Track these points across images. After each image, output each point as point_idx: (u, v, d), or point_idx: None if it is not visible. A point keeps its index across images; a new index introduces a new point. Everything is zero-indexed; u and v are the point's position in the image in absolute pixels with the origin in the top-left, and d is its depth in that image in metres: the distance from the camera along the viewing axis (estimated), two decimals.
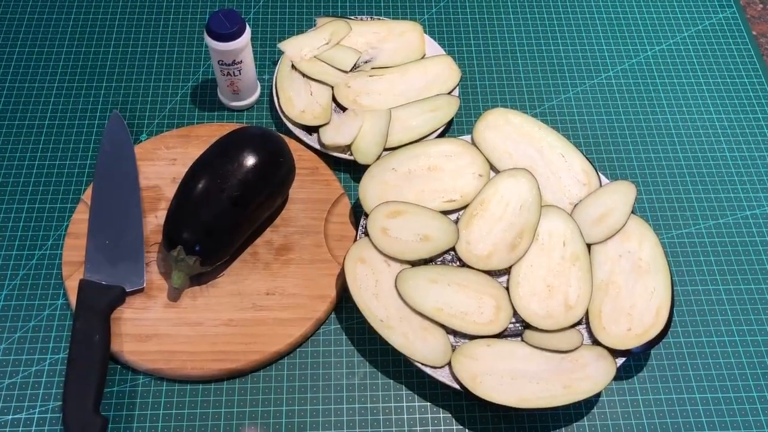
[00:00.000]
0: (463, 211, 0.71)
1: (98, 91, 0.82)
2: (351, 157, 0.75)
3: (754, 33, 1.21)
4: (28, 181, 0.75)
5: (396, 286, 0.65)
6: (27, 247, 0.71)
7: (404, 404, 0.63)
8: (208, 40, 0.72)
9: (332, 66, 0.81)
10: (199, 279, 0.67)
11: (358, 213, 0.73)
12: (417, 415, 0.63)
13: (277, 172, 0.67)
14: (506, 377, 0.61)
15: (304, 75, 0.81)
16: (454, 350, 0.63)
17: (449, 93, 0.80)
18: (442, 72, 0.81)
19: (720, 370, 0.66)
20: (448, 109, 0.78)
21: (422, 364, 0.62)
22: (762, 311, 0.70)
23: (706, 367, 0.66)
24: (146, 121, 0.80)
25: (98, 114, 0.80)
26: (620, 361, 0.62)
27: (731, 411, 0.64)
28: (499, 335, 0.65)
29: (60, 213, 0.73)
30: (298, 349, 0.66)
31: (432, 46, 0.84)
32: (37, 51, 0.85)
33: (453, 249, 0.69)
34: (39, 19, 0.88)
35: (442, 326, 0.64)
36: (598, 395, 0.64)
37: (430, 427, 0.62)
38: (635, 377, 0.65)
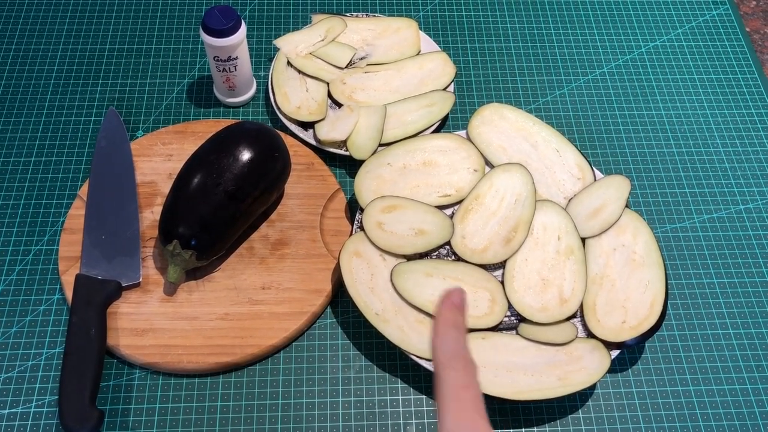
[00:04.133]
0: (458, 205, 0.72)
1: (94, 88, 0.82)
2: (346, 153, 0.75)
3: (747, 29, 1.21)
4: (25, 177, 0.75)
5: (391, 280, 0.66)
6: (23, 242, 0.71)
7: (400, 397, 0.63)
8: (204, 36, 0.72)
9: (328, 62, 0.82)
10: (194, 273, 0.67)
11: (353, 208, 0.73)
12: (412, 408, 0.63)
13: (272, 167, 0.67)
14: (501, 370, 0.62)
15: (299, 71, 0.81)
16: None
17: (444, 89, 0.80)
18: (437, 68, 0.81)
19: (714, 362, 0.66)
20: (444, 104, 0.78)
21: (418, 357, 0.62)
22: (755, 304, 0.70)
23: (700, 359, 0.67)
24: (142, 117, 0.80)
25: (94, 110, 0.80)
26: (614, 353, 0.63)
27: (725, 403, 0.64)
28: (494, 328, 0.65)
29: (56, 209, 0.73)
30: (293, 343, 0.66)
31: (427, 43, 0.85)
32: (33, 48, 0.86)
33: (448, 243, 0.69)
34: (35, 16, 0.88)
35: None
36: (592, 387, 0.65)
37: (426, 420, 0.62)
38: (630, 370, 0.66)
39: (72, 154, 0.77)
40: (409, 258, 0.68)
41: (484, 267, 0.68)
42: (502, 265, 0.69)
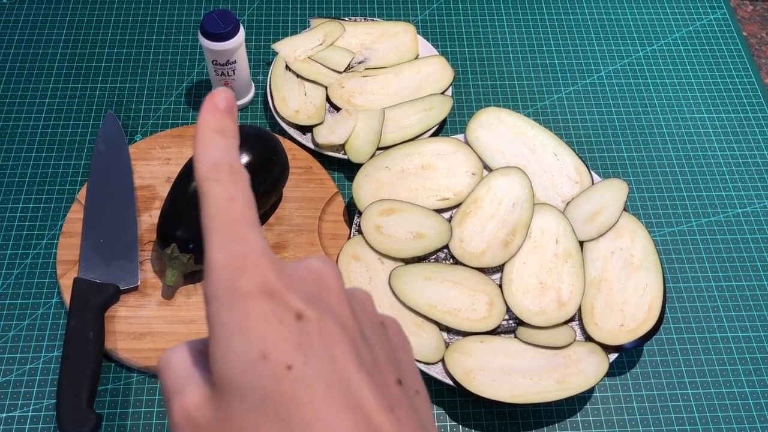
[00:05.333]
0: (456, 209, 0.72)
1: (93, 92, 0.82)
2: (345, 156, 0.75)
3: (744, 34, 1.22)
4: (23, 180, 0.75)
5: (389, 283, 0.66)
6: (21, 246, 0.71)
7: None
8: (202, 40, 0.72)
9: (326, 66, 0.82)
10: (193, 277, 0.67)
11: (351, 212, 0.73)
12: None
13: (270, 171, 0.67)
14: (499, 373, 0.62)
15: (298, 75, 0.81)
16: (447, 347, 0.63)
17: (442, 93, 0.80)
18: (435, 72, 0.82)
19: (712, 365, 0.66)
20: (442, 108, 0.78)
21: (416, 360, 0.62)
22: (753, 307, 0.70)
23: (698, 362, 0.67)
24: (141, 121, 0.80)
25: (93, 114, 0.81)
26: (613, 356, 0.63)
27: (723, 406, 0.64)
28: (493, 332, 0.65)
29: (54, 212, 0.73)
30: None
31: (425, 47, 0.85)
32: (32, 52, 0.86)
33: (446, 247, 0.69)
34: (34, 20, 0.89)
35: (436, 323, 0.65)
36: (591, 391, 0.65)
37: None
38: (628, 373, 0.66)
39: (70, 158, 0.77)
40: (408, 261, 0.68)
41: (483, 270, 0.68)
42: (500, 268, 0.69)
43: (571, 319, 0.66)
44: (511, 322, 0.66)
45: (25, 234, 0.72)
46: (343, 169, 0.78)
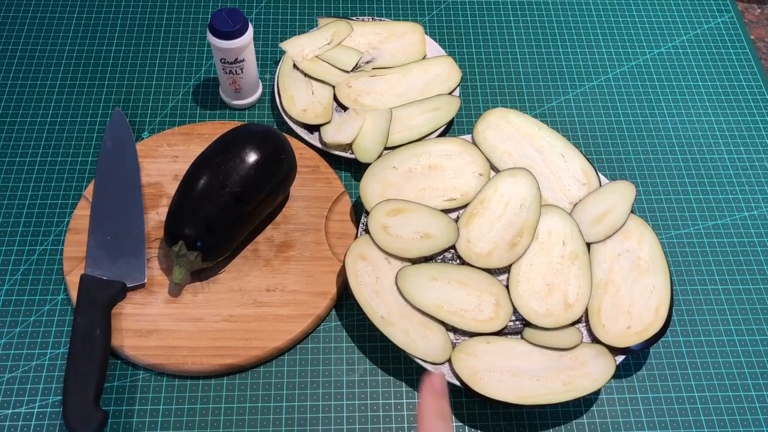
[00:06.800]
0: (463, 209, 0.72)
1: (100, 89, 0.82)
2: (352, 156, 0.75)
3: (752, 37, 1.22)
4: (30, 177, 0.75)
5: (396, 283, 0.66)
6: (28, 242, 0.71)
7: (404, 401, 0.63)
8: (211, 38, 0.72)
9: (334, 66, 0.82)
10: (200, 275, 0.67)
11: (358, 211, 0.73)
12: (417, 412, 0.63)
13: (278, 169, 0.67)
14: (506, 374, 0.62)
15: (305, 74, 0.81)
16: (454, 347, 0.63)
17: (450, 93, 0.80)
18: (443, 72, 0.82)
19: (718, 368, 0.66)
20: (449, 108, 0.78)
21: (422, 360, 0.62)
22: (760, 311, 0.70)
23: (704, 365, 0.67)
24: (148, 118, 0.80)
25: (100, 111, 0.81)
26: (619, 358, 0.63)
27: (729, 409, 0.64)
28: (499, 333, 0.65)
29: (61, 209, 0.73)
30: (298, 346, 0.66)
31: (433, 47, 0.85)
32: (39, 48, 0.86)
33: (453, 247, 0.69)
34: (42, 17, 0.89)
35: (443, 323, 0.64)
36: (597, 393, 0.65)
37: None
38: (634, 375, 0.66)
39: (78, 155, 0.77)
40: (414, 261, 0.68)
41: (489, 271, 0.68)
42: (507, 269, 0.69)
43: (578, 321, 0.66)
44: (517, 323, 0.66)
45: (32, 230, 0.72)
46: (350, 168, 0.78)
